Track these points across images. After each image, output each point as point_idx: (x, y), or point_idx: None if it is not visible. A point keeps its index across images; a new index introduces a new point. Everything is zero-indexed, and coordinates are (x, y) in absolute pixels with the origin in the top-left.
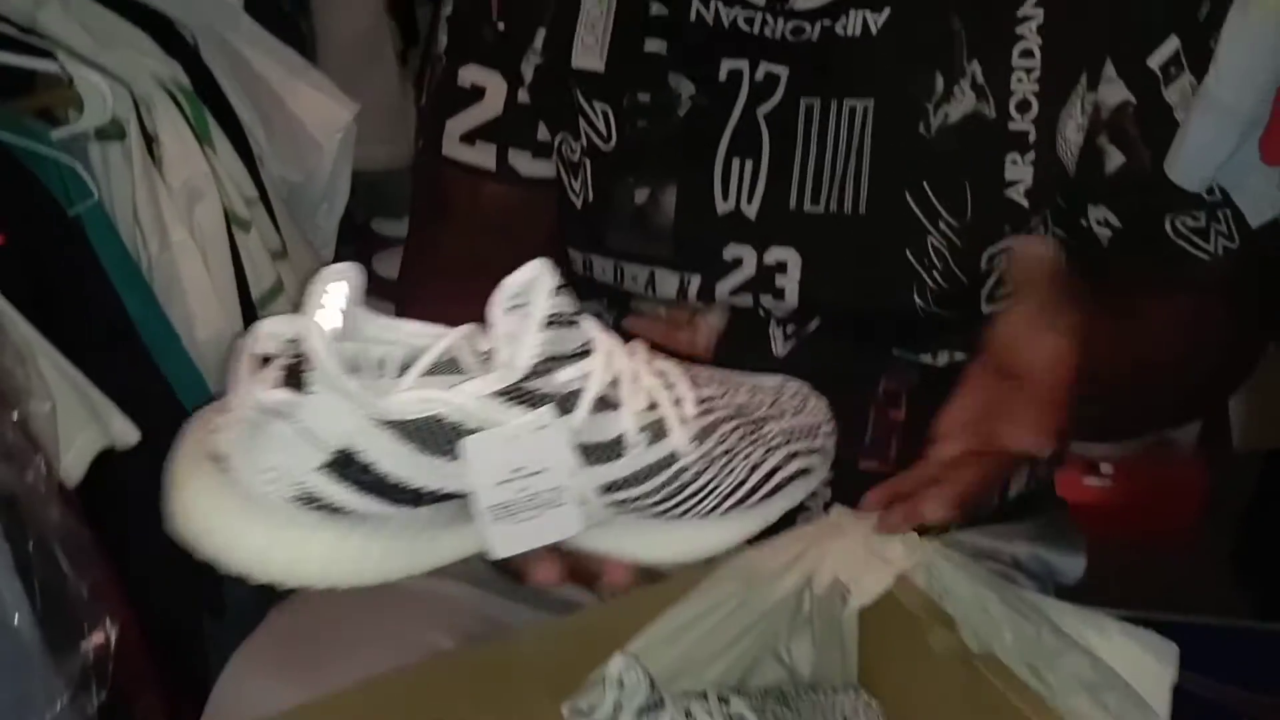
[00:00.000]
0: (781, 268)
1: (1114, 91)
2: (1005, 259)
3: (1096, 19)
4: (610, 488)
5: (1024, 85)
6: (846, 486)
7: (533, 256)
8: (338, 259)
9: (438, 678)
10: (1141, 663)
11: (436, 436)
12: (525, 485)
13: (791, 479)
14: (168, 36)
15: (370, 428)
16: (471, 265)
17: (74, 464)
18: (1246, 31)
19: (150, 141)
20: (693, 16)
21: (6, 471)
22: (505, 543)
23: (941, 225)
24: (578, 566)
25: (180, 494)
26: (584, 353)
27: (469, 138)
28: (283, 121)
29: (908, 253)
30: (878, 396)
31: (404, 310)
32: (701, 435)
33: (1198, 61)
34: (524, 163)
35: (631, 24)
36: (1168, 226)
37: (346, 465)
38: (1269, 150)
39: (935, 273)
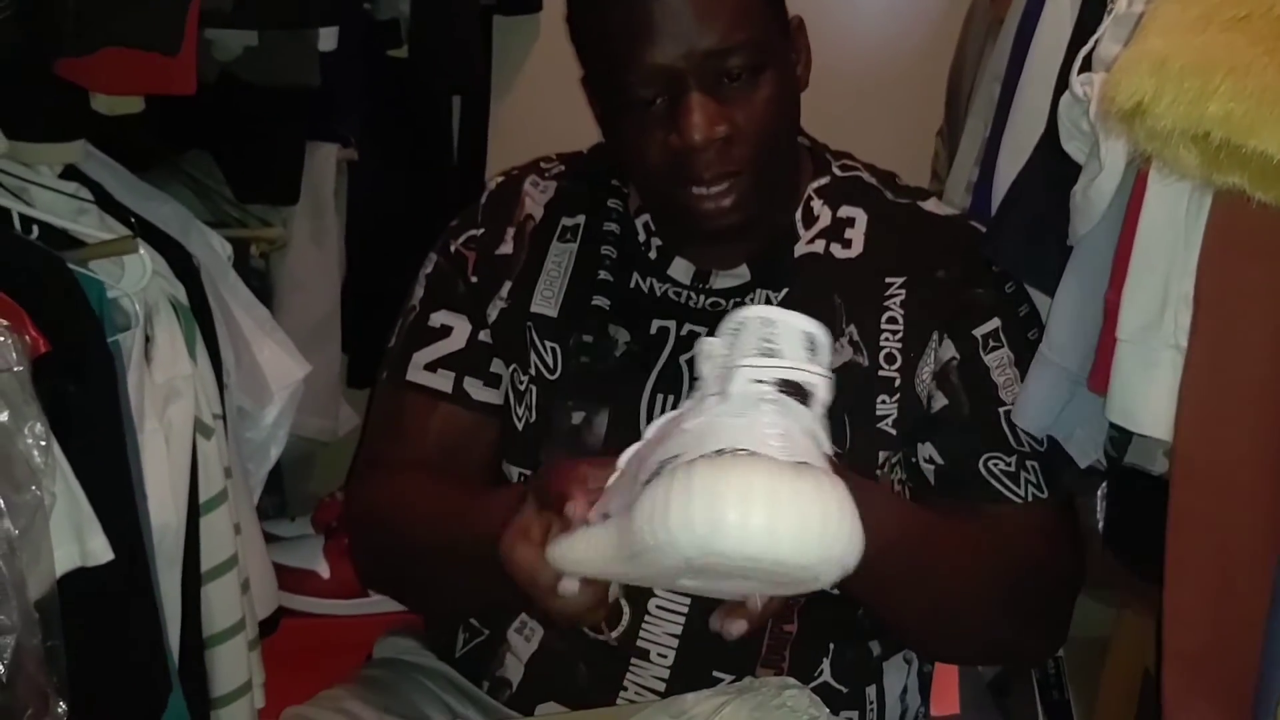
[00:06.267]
0: None
1: (946, 349)
2: None
3: (943, 297)
4: None
5: (890, 342)
6: None
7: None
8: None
9: None
10: None
11: None
12: None
13: None
14: (180, 262)
15: None
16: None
17: (46, 574)
18: (1068, 308)
19: (147, 340)
20: (632, 285)
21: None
22: None
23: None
24: None
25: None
26: None
27: (431, 366)
28: (248, 362)
29: None
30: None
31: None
32: None
33: (1014, 340)
34: (476, 389)
35: (583, 284)
36: (981, 466)
37: None
38: (1095, 382)
39: None
